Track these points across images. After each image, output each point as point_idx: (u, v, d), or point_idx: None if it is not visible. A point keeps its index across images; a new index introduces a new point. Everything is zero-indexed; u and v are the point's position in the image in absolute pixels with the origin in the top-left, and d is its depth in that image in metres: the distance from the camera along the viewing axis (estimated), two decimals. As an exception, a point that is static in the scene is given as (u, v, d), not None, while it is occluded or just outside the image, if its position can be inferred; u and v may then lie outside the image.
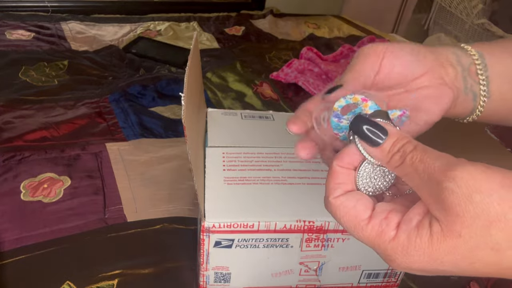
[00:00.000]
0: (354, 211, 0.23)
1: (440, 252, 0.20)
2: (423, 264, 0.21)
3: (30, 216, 0.51)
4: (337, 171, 0.24)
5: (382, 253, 0.22)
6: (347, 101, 0.25)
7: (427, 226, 0.21)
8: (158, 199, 0.56)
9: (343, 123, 0.26)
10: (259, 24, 1.23)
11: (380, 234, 0.22)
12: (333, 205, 0.24)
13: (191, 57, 0.37)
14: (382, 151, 0.23)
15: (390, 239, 0.22)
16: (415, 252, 0.21)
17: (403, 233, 0.21)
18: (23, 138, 0.64)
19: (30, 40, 0.94)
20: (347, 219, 0.23)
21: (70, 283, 0.44)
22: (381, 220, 0.22)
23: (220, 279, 0.39)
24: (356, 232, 0.23)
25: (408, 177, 0.22)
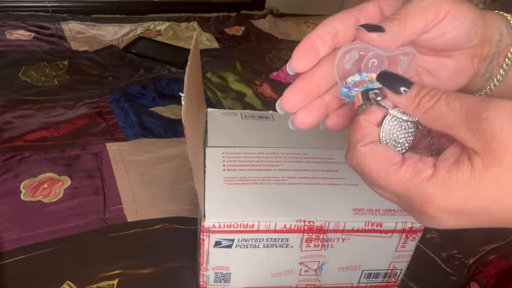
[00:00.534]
0: (385, 155, 0.22)
1: (483, 184, 0.19)
2: (464, 201, 0.20)
3: (30, 216, 0.51)
4: (363, 124, 0.24)
5: (418, 196, 0.21)
6: (362, 77, 0.25)
7: (467, 161, 0.20)
8: (158, 199, 0.56)
9: (352, 93, 0.26)
10: (259, 24, 1.23)
11: (416, 174, 0.21)
12: (362, 152, 0.23)
13: (191, 57, 0.37)
14: (409, 97, 0.22)
15: (428, 177, 0.21)
16: (457, 186, 0.20)
17: (442, 169, 0.20)
18: (23, 138, 0.64)
19: (30, 40, 0.94)
20: (377, 164, 0.22)
21: (70, 283, 0.44)
22: (415, 161, 0.21)
23: (220, 279, 0.39)
24: (388, 176, 0.22)
25: (440, 120, 0.21)
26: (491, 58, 0.29)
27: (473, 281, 0.50)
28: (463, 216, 0.21)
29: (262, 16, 1.29)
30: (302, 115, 0.28)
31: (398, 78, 0.23)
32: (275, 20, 1.28)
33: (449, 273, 0.51)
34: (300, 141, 0.47)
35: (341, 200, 0.39)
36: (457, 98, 0.21)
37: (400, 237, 0.39)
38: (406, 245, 0.40)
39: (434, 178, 0.20)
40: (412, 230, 0.38)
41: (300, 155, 0.44)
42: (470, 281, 0.50)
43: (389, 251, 0.40)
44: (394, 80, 0.23)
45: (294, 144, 0.46)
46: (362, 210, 0.38)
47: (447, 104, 0.21)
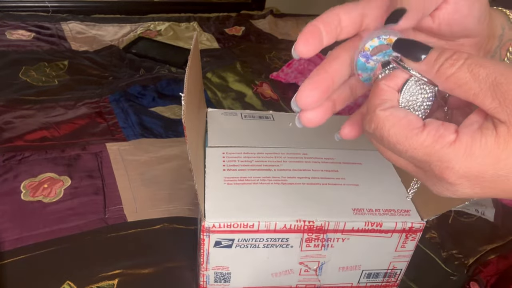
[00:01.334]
0: (406, 120, 0.21)
1: (506, 152, 0.19)
2: (485, 168, 0.19)
3: (30, 216, 0.51)
4: (383, 89, 0.23)
5: (438, 161, 0.20)
6: (380, 41, 0.24)
7: (491, 128, 0.19)
8: (158, 199, 0.56)
9: (370, 64, 0.25)
10: (259, 24, 1.23)
11: (438, 139, 0.20)
12: (381, 116, 0.22)
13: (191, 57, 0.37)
14: (428, 62, 0.21)
15: (451, 142, 0.20)
16: (480, 152, 0.19)
17: (465, 135, 0.20)
18: (23, 138, 0.64)
19: (30, 40, 0.94)
20: (397, 128, 0.21)
21: (70, 283, 0.44)
22: (437, 126, 0.21)
23: (220, 279, 0.39)
24: (408, 141, 0.21)
25: (462, 88, 0.20)
26: (494, 51, 0.29)
27: (473, 281, 0.50)
28: (481, 183, 0.20)
29: (262, 16, 1.29)
30: (310, 113, 0.27)
31: (415, 43, 0.22)
32: (275, 20, 1.28)
33: (449, 273, 0.51)
34: (300, 141, 0.47)
35: (341, 200, 0.39)
36: (483, 65, 0.20)
37: (400, 237, 0.39)
38: (406, 245, 0.40)
39: (457, 143, 0.20)
40: (412, 230, 0.38)
41: (300, 155, 0.44)
42: (470, 281, 0.50)
43: (389, 251, 0.40)
44: (411, 46, 0.22)
45: (294, 144, 0.46)
46: (362, 210, 0.38)
47: (470, 71, 0.20)
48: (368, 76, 0.26)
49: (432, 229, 0.56)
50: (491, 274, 0.51)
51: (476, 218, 0.59)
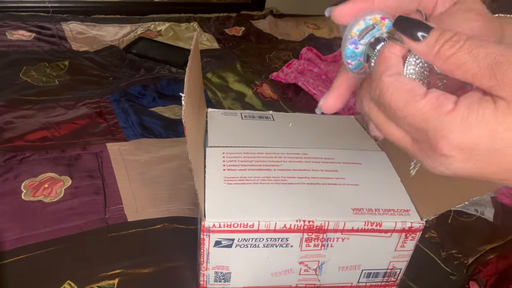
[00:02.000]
0: (409, 86, 0.21)
1: (503, 126, 0.19)
2: (481, 139, 0.19)
3: (31, 216, 0.51)
4: (388, 56, 0.22)
5: (433, 129, 0.20)
6: (366, 22, 0.24)
7: (490, 101, 0.19)
8: (159, 199, 0.56)
9: (359, 49, 0.25)
10: (259, 25, 1.23)
11: (436, 107, 0.20)
12: (386, 81, 0.22)
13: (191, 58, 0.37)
14: (428, 43, 0.21)
15: (449, 110, 0.20)
16: (477, 123, 0.19)
17: (464, 105, 0.19)
18: (24, 138, 0.64)
19: (31, 41, 0.94)
20: (400, 94, 0.21)
21: (70, 283, 0.44)
22: (438, 95, 0.20)
23: (220, 279, 0.40)
24: (407, 106, 0.21)
25: (461, 68, 0.20)
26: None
27: (473, 281, 0.50)
28: (475, 157, 0.20)
29: (262, 16, 1.29)
30: (331, 101, 0.27)
31: (416, 22, 0.22)
32: (275, 20, 1.29)
33: (448, 273, 0.51)
34: (300, 141, 0.47)
35: (341, 200, 0.39)
36: (482, 46, 0.20)
37: (400, 236, 0.39)
38: (405, 244, 0.40)
39: (454, 112, 0.20)
40: (412, 229, 0.38)
41: (300, 155, 0.45)
42: (470, 280, 0.50)
43: (389, 250, 0.40)
44: (412, 24, 0.22)
45: (294, 144, 0.46)
46: (362, 209, 0.38)
47: (470, 52, 0.20)
48: (357, 62, 0.25)
49: (431, 228, 0.56)
50: (490, 273, 0.51)
51: (475, 218, 0.59)
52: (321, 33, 1.27)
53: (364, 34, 0.24)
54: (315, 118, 0.54)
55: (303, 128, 0.50)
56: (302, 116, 0.54)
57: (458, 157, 0.20)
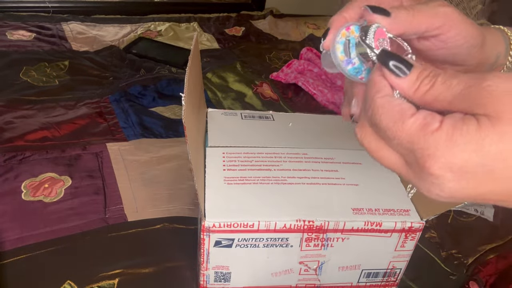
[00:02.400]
0: (399, 107, 0.22)
1: (488, 140, 0.19)
2: (468, 155, 0.19)
3: (31, 216, 0.51)
4: (379, 79, 0.23)
5: (421, 149, 0.20)
6: (341, 42, 0.25)
7: (473, 119, 0.20)
8: (159, 199, 0.56)
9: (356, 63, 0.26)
10: (259, 25, 1.23)
11: (423, 126, 0.21)
12: (378, 102, 0.22)
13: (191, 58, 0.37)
14: (409, 81, 0.22)
15: (434, 129, 0.20)
16: (462, 139, 0.19)
17: (448, 123, 0.20)
18: (24, 138, 0.64)
19: (31, 41, 0.94)
20: (390, 114, 0.22)
21: (70, 283, 0.44)
22: (425, 115, 0.21)
23: (220, 279, 0.40)
24: (396, 126, 0.21)
25: (438, 99, 0.21)
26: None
27: (472, 281, 0.50)
28: (466, 175, 0.20)
29: (262, 16, 1.29)
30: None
31: (399, 58, 0.23)
32: (275, 20, 1.29)
33: (448, 273, 0.51)
34: (300, 141, 0.47)
35: (341, 200, 0.39)
36: (454, 76, 0.21)
37: (400, 236, 0.39)
38: (405, 244, 0.40)
39: (439, 130, 0.20)
40: (412, 229, 0.39)
41: (300, 155, 0.45)
42: (469, 280, 0.50)
43: (389, 250, 0.40)
44: (394, 60, 0.23)
45: (294, 144, 0.46)
46: (362, 209, 0.38)
47: (443, 82, 0.21)
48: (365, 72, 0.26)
49: (431, 228, 0.56)
50: (490, 273, 0.51)
51: (475, 217, 0.59)
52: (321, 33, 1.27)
53: (348, 50, 0.25)
54: (315, 118, 0.54)
55: (303, 128, 0.50)
56: (302, 116, 0.54)
57: (448, 175, 0.20)
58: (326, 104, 0.84)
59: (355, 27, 0.26)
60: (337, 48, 0.25)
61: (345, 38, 0.25)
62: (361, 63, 0.26)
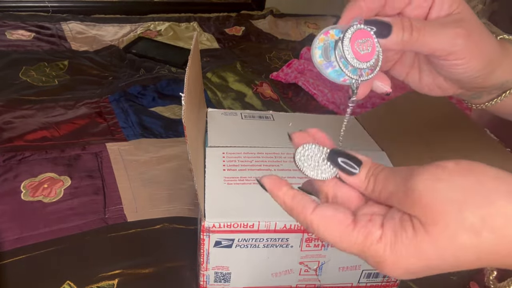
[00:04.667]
0: (336, 219, 0.23)
1: (424, 245, 0.20)
2: (411, 260, 0.21)
3: (31, 216, 0.51)
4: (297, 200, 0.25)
5: (371, 257, 0.22)
6: (319, 47, 0.26)
7: (409, 220, 0.21)
8: (158, 199, 0.56)
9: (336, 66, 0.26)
10: (259, 24, 1.23)
11: (366, 236, 0.22)
12: (313, 220, 0.23)
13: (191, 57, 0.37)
14: (360, 178, 0.24)
15: (377, 239, 0.22)
16: (403, 247, 0.21)
17: (389, 230, 0.22)
18: (23, 138, 0.64)
19: (30, 40, 0.94)
20: (331, 230, 0.23)
21: (70, 283, 0.44)
22: (366, 222, 0.22)
23: (220, 279, 0.39)
24: (343, 241, 0.23)
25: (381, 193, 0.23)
26: (479, 92, 0.32)
27: (473, 281, 0.50)
28: (413, 274, 0.22)
29: (262, 16, 1.29)
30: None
31: (348, 156, 0.25)
32: (275, 20, 1.28)
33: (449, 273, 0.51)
34: (300, 141, 0.47)
35: (341, 200, 0.39)
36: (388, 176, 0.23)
37: (400, 237, 0.39)
38: (406, 245, 0.40)
39: (382, 239, 0.21)
40: (412, 230, 0.38)
41: (300, 155, 0.44)
42: (470, 280, 0.50)
43: (389, 251, 0.40)
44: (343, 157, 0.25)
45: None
46: (362, 210, 0.38)
47: (381, 181, 0.23)
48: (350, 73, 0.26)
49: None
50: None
51: (476, 218, 0.59)
52: (321, 33, 1.27)
53: (328, 54, 0.26)
54: (315, 118, 0.54)
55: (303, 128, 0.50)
56: (302, 116, 0.54)
57: (400, 273, 0.22)
58: (326, 104, 0.84)
59: (335, 31, 0.26)
60: (315, 53, 0.26)
61: (323, 43, 0.26)
62: (343, 64, 0.25)
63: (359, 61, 0.25)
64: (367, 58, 0.25)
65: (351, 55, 0.25)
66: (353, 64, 0.25)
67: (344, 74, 0.26)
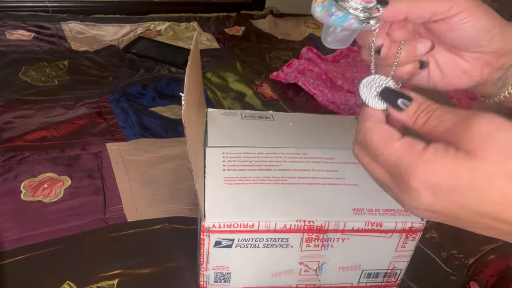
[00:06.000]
0: (388, 131, 0.25)
1: (462, 168, 0.22)
2: (443, 179, 0.22)
3: (31, 216, 0.51)
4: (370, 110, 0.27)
5: (405, 166, 0.24)
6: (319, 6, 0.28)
7: (453, 149, 0.23)
8: (158, 199, 0.56)
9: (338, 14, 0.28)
10: (259, 24, 1.23)
11: (408, 148, 0.24)
12: (369, 125, 0.26)
13: (191, 57, 0.37)
14: (408, 113, 0.26)
15: (419, 151, 0.23)
16: (441, 163, 0.22)
17: (432, 148, 0.23)
18: (23, 138, 0.64)
19: (30, 40, 0.94)
20: (379, 136, 0.25)
21: (70, 283, 0.44)
22: (411, 139, 0.24)
23: (220, 279, 0.39)
24: (384, 146, 0.25)
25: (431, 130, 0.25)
26: (506, 69, 0.31)
27: (473, 281, 0.50)
28: (439, 193, 0.23)
29: (262, 16, 1.29)
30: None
31: (399, 94, 0.27)
32: (275, 20, 1.28)
33: (449, 273, 0.51)
34: (300, 141, 0.47)
35: (341, 200, 0.39)
36: (446, 112, 0.24)
37: (400, 237, 0.39)
38: (406, 245, 0.40)
39: (422, 153, 0.23)
40: (412, 230, 0.38)
41: (300, 155, 0.44)
42: (470, 281, 0.50)
43: (389, 251, 0.40)
44: (395, 96, 0.27)
45: (294, 144, 0.46)
46: (362, 210, 0.38)
47: (437, 117, 0.25)
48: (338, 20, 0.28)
49: (432, 229, 0.56)
50: (491, 274, 0.51)
51: (476, 218, 0.59)
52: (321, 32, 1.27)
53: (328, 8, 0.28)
54: (315, 118, 0.54)
55: (303, 128, 0.50)
56: (302, 116, 0.54)
57: (425, 192, 0.23)
58: (326, 104, 0.84)
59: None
60: (315, 11, 0.28)
61: (321, 2, 0.28)
62: (345, 13, 0.27)
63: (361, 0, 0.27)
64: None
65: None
66: (355, 5, 0.27)
67: (349, 18, 0.28)
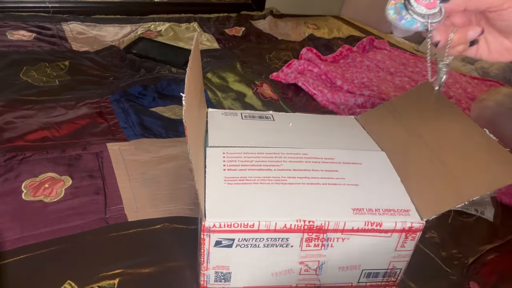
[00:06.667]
0: None
1: None
2: None
3: (31, 216, 0.51)
4: None
5: None
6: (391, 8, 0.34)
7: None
8: (159, 198, 0.56)
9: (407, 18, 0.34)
10: (259, 25, 1.24)
11: None
12: None
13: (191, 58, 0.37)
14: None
15: None
16: None
17: None
18: (24, 138, 0.64)
19: (31, 41, 0.94)
20: None
21: (71, 283, 0.44)
22: None
23: (220, 279, 0.40)
24: None
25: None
26: None
27: (473, 281, 0.50)
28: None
29: (262, 16, 1.30)
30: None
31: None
32: (275, 20, 1.29)
33: (448, 273, 0.51)
34: (300, 141, 0.47)
35: (341, 200, 0.39)
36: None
37: (400, 236, 0.39)
38: (405, 244, 0.40)
39: None
40: (412, 229, 0.39)
41: (300, 155, 0.45)
42: (470, 280, 0.50)
43: (389, 250, 0.40)
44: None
45: (294, 144, 0.46)
46: (362, 209, 0.38)
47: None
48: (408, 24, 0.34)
49: (431, 228, 0.56)
50: (490, 273, 0.51)
51: (475, 217, 0.59)
52: (321, 33, 1.27)
53: (399, 11, 0.34)
54: (315, 118, 0.54)
55: (303, 128, 0.50)
56: (302, 116, 0.54)
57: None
58: (326, 104, 0.84)
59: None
60: (388, 13, 0.34)
61: (394, 5, 0.34)
62: (413, 18, 0.33)
63: (425, 8, 0.33)
64: (431, 6, 0.33)
65: (419, 5, 0.33)
66: (420, 11, 0.33)
67: (416, 22, 0.33)
